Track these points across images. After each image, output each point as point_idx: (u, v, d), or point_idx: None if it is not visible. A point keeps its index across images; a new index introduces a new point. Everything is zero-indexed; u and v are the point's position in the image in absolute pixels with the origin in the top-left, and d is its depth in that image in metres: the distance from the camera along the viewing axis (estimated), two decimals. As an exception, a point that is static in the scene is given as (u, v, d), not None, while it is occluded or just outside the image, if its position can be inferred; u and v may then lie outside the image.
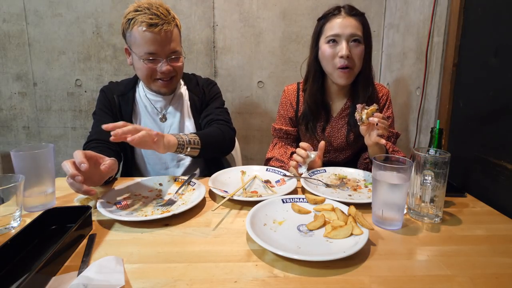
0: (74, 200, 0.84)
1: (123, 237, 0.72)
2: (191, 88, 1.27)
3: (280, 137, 1.31)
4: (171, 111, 1.23)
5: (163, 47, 1.07)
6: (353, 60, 1.09)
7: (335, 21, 1.09)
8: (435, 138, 0.86)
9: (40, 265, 0.52)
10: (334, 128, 1.24)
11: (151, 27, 1.02)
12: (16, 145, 2.03)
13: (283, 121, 1.30)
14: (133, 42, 1.07)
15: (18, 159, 0.81)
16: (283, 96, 1.30)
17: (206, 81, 1.33)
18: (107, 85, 1.25)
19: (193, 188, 0.96)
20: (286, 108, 1.28)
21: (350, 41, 1.08)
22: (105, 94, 1.20)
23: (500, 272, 0.61)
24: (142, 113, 1.22)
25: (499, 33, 0.97)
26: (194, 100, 1.25)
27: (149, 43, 1.04)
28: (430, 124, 1.39)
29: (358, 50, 1.09)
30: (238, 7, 1.88)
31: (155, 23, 1.03)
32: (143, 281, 0.56)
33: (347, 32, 1.07)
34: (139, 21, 1.03)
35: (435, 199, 0.79)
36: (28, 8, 1.85)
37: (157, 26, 1.03)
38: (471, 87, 1.11)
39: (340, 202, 0.83)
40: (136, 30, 1.04)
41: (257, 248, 0.66)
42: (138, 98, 1.22)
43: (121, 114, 1.19)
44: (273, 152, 1.27)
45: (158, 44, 1.05)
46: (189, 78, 1.31)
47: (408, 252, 0.67)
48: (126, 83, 1.24)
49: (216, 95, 1.31)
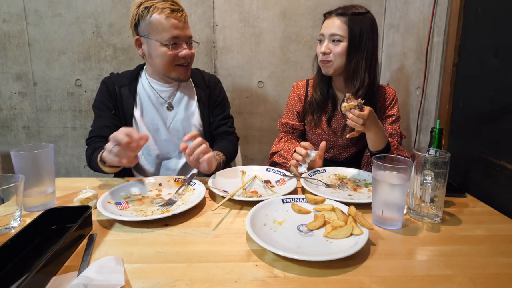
0: (74, 200, 0.84)
1: (123, 237, 0.72)
2: (197, 82, 1.30)
3: (287, 131, 1.35)
4: (177, 100, 1.25)
5: (184, 32, 1.12)
6: (332, 56, 1.17)
7: (326, 21, 1.20)
8: (435, 138, 0.86)
9: (40, 265, 0.52)
10: (341, 123, 1.27)
11: (173, 13, 1.08)
12: (16, 145, 2.03)
13: (290, 116, 1.35)
14: (154, 29, 1.09)
15: (18, 159, 0.81)
16: (292, 90, 1.36)
17: (211, 77, 1.36)
18: (108, 76, 1.25)
19: (193, 188, 0.96)
20: (295, 102, 1.33)
21: (330, 41, 1.17)
22: (106, 85, 1.21)
23: (500, 272, 0.61)
24: (145, 104, 1.22)
25: (499, 33, 0.97)
26: (201, 95, 1.28)
27: (173, 28, 1.09)
28: (430, 124, 1.39)
29: (337, 48, 1.16)
30: (238, 7, 1.88)
31: (176, 9, 1.09)
32: (143, 281, 0.56)
33: (328, 32, 1.16)
34: (159, 8, 1.07)
35: (435, 199, 0.79)
36: (28, 8, 1.85)
37: (179, 12, 1.10)
38: (471, 87, 1.11)
39: (340, 202, 0.83)
40: (158, 16, 1.07)
41: (257, 248, 0.66)
42: (140, 88, 1.23)
43: (122, 106, 1.20)
44: (278, 146, 1.31)
45: (181, 29, 1.11)
46: (194, 72, 1.32)
47: (408, 252, 0.67)
48: (128, 75, 1.25)
49: (224, 99, 1.37)
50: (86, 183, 1.03)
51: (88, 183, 1.04)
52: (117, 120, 1.19)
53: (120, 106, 1.20)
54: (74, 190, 0.97)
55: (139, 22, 1.11)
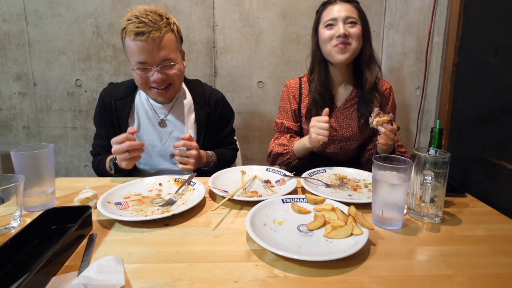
0: (74, 200, 0.84)
1: (123, 237, 0.72)
2: (196, 99, 1.24)
3: (282, 131, 1.33)
4: (171, 119, 1.21)
5: (153, 56, 1.03)
6: (350, 38, 1.14)
7: (331, 7, 1.17)
8: (435, 138, 0.86)
9: (40, 265, 0.52)
10: (339, 118, 1.25)
11: (137, 36, 1.00)
12: (16, 145, 2.03)
13: (284, 115, 1.32)
14: (127, 51, 1.07)
15: (18, 159, 0.81)
16: (285, 90, 1.33)
17: (213, 93, 1.29)
18: (106, 87, 1.24)
19: (193, 188, 0.96)
20: (289, 101, 1.30)
21: (346, 23, 1.14)
22: (102, 99, 1.20)
23: (500, 272, 0.61)
24: (142, 118, 1.20)
25: (499, 33, 0.97)
26: (200, 113, 1.23)
27: (138, 52, 1.02)
28: (430, 124, 1.39)
29: (355, 29, 1.14)
30: (238, 7, 1.88)
31: (141, 32, 1.00)
32: (143, 281, 0.56)
33: (342, 15, 1.14)
34: (128, 31, 1.01)
35: (435, 199, 0.79)
36: (28, 8, 1.85)
37: (144, 35, 1.00)
38: (471, 87, 1.11)
39: (340, 202, 0.83)
40: (127, 40, 1.03)
41: (257, 248, 0.66)
42: (138, 102, 1.21)
43: (118, 119, 1.19)
44: (274, 143, 1.31)
45: (147, 53, 1.02)
46: (194, 85, 1.28)
47: (408, 252, 0.67)
48: (126, 87, 1.22)
49: (227, 116, 1.33)
50: (86, 183, 1.03)
51: (88, 183, 1.04)
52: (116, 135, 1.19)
53: (116, 120, 1.19)
54: (74, 190, 0.97)
55: (122, 42, 1.08)
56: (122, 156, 1.00)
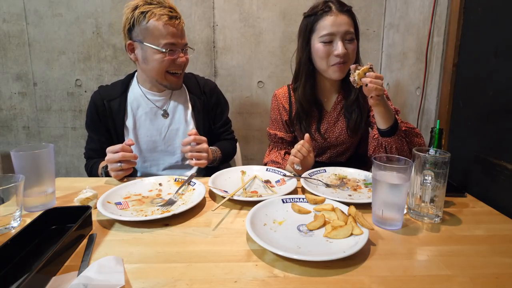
0: (74, 200, 0.84)
1: (123, 237, 0.72)
2: (191, 88, 1.28)
3: (275, 142, 1.31)
4: (171, 109, 1.24)
5: (181, 39, 1.12)
6: (348, 56, 1.11)
7: (327, 18, 1.08)
8: (435, 138, 0.86)
9: (40, 265, 0.52)
10: (330, 123, 1.24)
11: (171, 20, 1.08)
12: (16, 145, 2.03)
13: (276, 126, 1.30)
14: (150, 34, 1.08)
15: (18, 159, 0.81)
16: (274, 101, 1.29)
17: (206, 83, 1.33)
18: (97, 90, 1.24)
19: (193, 188, 0.96)
20: (279, 112, 1.28)
21: (344, 39, 1.09)
22: (93, 102, 1.21)
23: (500, 272, 0.61)
24: (138, 114, 1.21)
25: (499, 33, 0.97)
26: (196, 103, 1.26)
27: (170, 35, 1.08)
28: (430, 124, 1.39)
29: (352, 46, 1.11)
30: (238, 7, 1.88)
31: (174, 16, 1.09)
32: (143, 281, 0.56)
33: (341, 30, 1.07)
34: (157, 14, 1.06)
35: (435, 199, 0.79)
36: (28, 8, 1.85)
37: (177, 19, 1.10)
38: (471, 87, 1.11)
39: (340, 202, 0.83)
40: (155, 23, 1.06)
41: (257, 248, 0.66)
42: (131, 98, 1.22)
43: (113, 119, 1.19)
44: (269, 157, 1.29)
45: (177, 36, 1.11)
46: (188, 77, 1.31)
47: (408, 252, 0.67)
48: (117, 86, 1.24)
49: (222, 103, 1.36)
50: (86, 183, 1.03)
51: (88, 183, 1.04)
52: (108, 138, 1.20)
53: (111, 121, 1.19)
54: (74, 190, 0.97)
55: (134, 27, 1.09)
56: (113, 166, 1.02)
